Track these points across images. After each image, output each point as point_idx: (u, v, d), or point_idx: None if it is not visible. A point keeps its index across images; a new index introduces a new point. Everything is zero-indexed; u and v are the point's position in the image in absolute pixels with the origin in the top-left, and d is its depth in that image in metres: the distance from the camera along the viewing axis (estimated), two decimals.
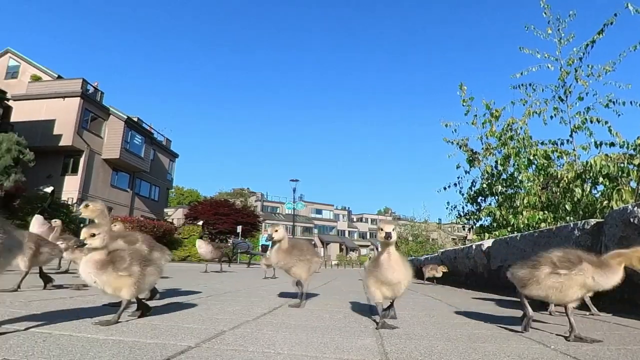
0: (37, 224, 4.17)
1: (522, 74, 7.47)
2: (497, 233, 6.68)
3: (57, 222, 4.31)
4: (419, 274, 6.27)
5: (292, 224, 38.60)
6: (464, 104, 8.18)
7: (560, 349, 1.40)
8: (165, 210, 38.16)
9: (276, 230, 2.38)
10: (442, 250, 8.37)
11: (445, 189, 8.58)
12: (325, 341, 1.42)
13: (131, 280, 1.57)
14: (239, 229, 28.04)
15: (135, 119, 30.02)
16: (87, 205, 2.04)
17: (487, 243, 5.26)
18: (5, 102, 24.15)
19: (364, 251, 71.97)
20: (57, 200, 18.28)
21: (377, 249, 7.86)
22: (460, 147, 8.28)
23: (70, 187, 25.10)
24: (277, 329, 1.63)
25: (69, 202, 21.74)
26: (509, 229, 6.56)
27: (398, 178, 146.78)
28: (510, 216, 6.63)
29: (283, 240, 2.40)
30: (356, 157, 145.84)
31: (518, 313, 2.13)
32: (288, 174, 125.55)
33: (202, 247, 7.17)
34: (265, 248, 19.63)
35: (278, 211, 70.52)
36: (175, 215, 46.53)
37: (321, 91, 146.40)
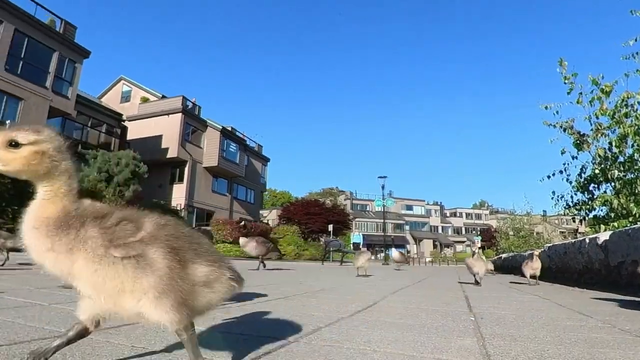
0: None
1: (636, 40, 6.51)
2: (615, 224, 5.90)
3: None
4: (520, 271, 5.80)
5: (382, 221, 38.16)
6: (566, 81, 7.35)
7: None
8: (261, 212, 40.29)
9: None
10: (548, 245, 7.64)
11: (549, 177, 7.82)
12: (422, 340, 1.39)
13: None
14: (330, 227, 28.53)
15: (230, 129, 32.21)
16: None
17: (604, 236, 4.68)
18: (122, 123, 27.64)
19: (459, 247, 68.60)
20: (168, 206, 20.38)
21: (473, 243, 7.45)
22: (564, 130, 7.46)
23: (178, 194, 27.82)
24: (373, 327, 1.63)
25: (178, 208, 24.07)
26: (630, 219, 5.76)
27: (493, 169, 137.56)
28: (632, 204, 5.82)
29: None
30: (447, 150, 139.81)
31: None
32: (376, 171, 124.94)
33: (247, 245, 6.77)
34: (356, 246, 19.71)
35: (367, 209, 70.36)
36: (270, 216, 48.90)
37: (408, 85, 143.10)
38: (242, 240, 6.87)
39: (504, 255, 14.52)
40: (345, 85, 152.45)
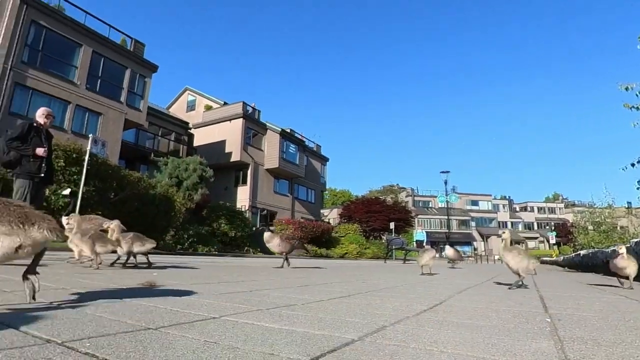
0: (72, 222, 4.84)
1: None
2: None
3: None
4: (607, 270, 5.25)
5: (446, 217, 36.93)
6: None
7: None
8: (322, 211, 40.70)
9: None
10: (635, 240, 6.93)
11: (633, 165, 7.12)
12: (493, 342, 1.33)
13: None
14: (392, 225, 28.13)
15: (288, 130, 32.89)
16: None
17: None
18: (189, 130, 29.27)
19: (531, 244, 64.45)
20: (233, 208, 21.25)
21: (547, 241, 6.88)
22: None
23: (243, 196, 28.91)
24: (439, 327, 1.59)
25: (242, 209, 25.00)
26: None
27: (566, 159, 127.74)
28: None
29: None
30: (514, 141, 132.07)
31: None
32: (438, 167, 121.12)
33: (271, 240, 6.47)
34: (420, 244, 19.24)
35: (430, 205, 68.39)
36: (331, 215, 49.23)
37: (469, 75, 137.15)
38: (266, 235, 6.55)
39: (582, 252, 13.43)
40: (404, 80, 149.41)
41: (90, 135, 12.11)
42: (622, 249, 4.25)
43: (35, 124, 5.64)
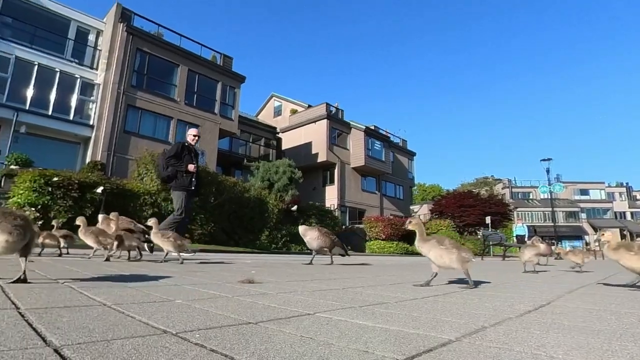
0: (100, 220, 5.14)
1: None
2: None
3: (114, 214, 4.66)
4: None
5: (550, 209, 33.83)
6: None
7: None
8: (411, 207, 39.79)
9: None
10: None
11: None
12: (614, 349, 1.17)
13: None
14: (488, 219, 26.50)
15: (372, 127, 32.71)
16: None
17: None
18: (277, 135, 30.59)
19: None
20: (322, 207, 21.72)
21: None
22: None
23: (331, 195, 29.41)
24: (547, 329, 1.45)
25: (331, 208, 25.42)
26: None
27: None
28: None
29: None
30: (625, 117, 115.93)
31: None
32: (538, 154, 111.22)
33: (306, 233, 5.68)
34: (520, 239, 17.84)
35: (531, 196, 63.11)
36: (421, 211, 47.84)
37: (572, 48, 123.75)
38: (301, 228, 5.81)
39: None
40: (492, 63, 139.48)
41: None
42: None
43: (186, 144, 6.73)
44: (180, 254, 4.73)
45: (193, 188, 6.47)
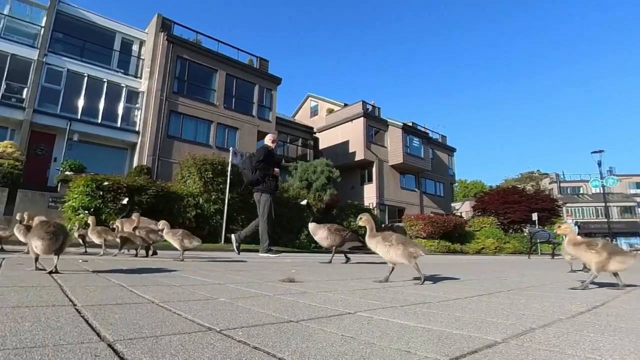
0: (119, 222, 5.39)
1: None
2: None
3: (135, 215, 5.12)
4: None
5: (602, 204, 32.01)
6: None
7: None
8: (452, 204, 38.83)
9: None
10: None
11: None
12: None
13: None
14: (535, 216, 25.40)
15: (410, 124, 32.20)
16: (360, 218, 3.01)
17: None
18: (314, 135, 30.75)
19: None
20: (361, 206, 21.61)
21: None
22: None
23: (369, 194, 29.23)
24: (602, 332, 1.37)
25: (370, 207, 25.24)
26: None
27: None
28: None
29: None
30: None
31: None
32: (588, 146, 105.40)
33: (317, 232, 5.47)
34: None
35: (581, 191, 59.89)
36: (463, 208, 46.60)
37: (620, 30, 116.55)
38: (311, 226, 5.61)
39: None
40: (537, 50, 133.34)
41: (231, 148, 13.61)
42: None
43: (269, 149, 7.16)
44: (266, 254, 5.20)
45: (277, 191, 7.06)
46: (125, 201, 7.85)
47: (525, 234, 25.39)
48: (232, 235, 7.13)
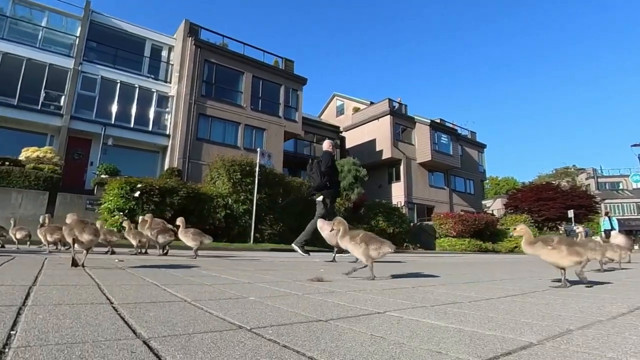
0: (139, 221, 5.61)
1: None
2: None
3: (148, 216, 5.34)
4: None
5: None
6: None
7: None
8: (483, 202, 37.94)
9: None
10: None
11: None
12: None
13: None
14: (571, 213, 24.48)
15: (438, 121, 31.65)
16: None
17: None
18: (340, 134, 30.68)
19: None
20: (389, 205, 21.42)
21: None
22: None
23: (397, 192, 28.92)
24: None
25: (398, 205, 24.98)
26: None
27: None
28: None
29: None
30: None
31: None
32: (627, 139, 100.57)
33: (324, 230, 5.32)
34: (608, 234, 16.21)
35: (620, 187, 57.22)
36: (494, 206, 45.45)
37: None
38: (319, 222, 5.52)
39: None
40: (568, 39, 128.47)
41: (258, 149, 13.78)
42: None
43: (333, 154, 7.42)
44: (298, 249, 6.15)
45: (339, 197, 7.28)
46: (137, 194, 8.85)
47: (561, 232, 24.50)
48: (294, 245, 7.18)
